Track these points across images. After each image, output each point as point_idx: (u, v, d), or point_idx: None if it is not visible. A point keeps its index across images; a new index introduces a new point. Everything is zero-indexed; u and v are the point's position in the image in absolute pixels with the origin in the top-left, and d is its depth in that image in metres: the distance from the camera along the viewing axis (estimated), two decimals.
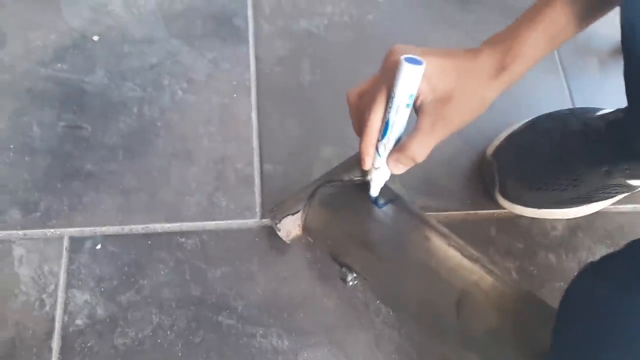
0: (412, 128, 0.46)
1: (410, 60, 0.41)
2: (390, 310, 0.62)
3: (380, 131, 0.46)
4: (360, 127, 0.48)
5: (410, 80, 0.42)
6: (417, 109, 0.46)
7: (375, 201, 0.56)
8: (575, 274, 0.47)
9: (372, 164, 0.50)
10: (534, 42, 0.45)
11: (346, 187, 0.58)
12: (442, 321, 0.52)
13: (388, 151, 0.48)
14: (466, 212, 0.69)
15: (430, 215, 0.58)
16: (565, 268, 0.67)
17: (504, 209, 0.69)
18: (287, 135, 0.71)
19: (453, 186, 0.70)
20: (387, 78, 0.44)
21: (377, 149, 0.48)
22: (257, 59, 0.75)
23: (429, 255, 0.53)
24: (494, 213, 0.69)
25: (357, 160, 0.60)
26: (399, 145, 0.47)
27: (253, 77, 0.74)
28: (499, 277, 0.52)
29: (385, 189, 0.59)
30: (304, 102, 0.73)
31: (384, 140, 0.47)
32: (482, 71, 0.45)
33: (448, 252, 0.53)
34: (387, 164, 0.49)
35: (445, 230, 0.56)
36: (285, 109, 0.72)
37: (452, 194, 0.70)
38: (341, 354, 0.60)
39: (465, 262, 0.53)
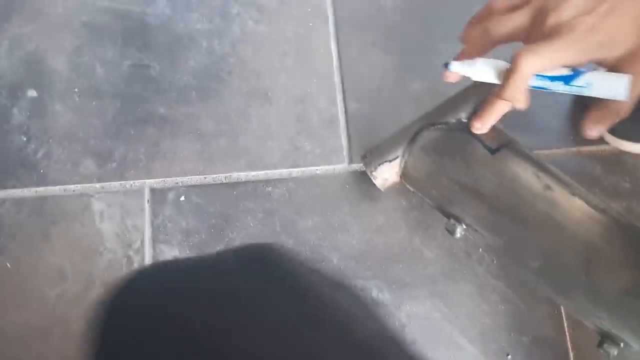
0: None
1: None
2: (495, 260, 0.59)
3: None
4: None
5: None
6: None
7: (487, 146, 0.51)
8: None
9: None
10: None
11: (453, 130, 0.53)
12: (568, 279, 0.48)
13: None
14: (568, 148, 0.63)
15: None
16: None
17: (609, 144, 0.63)
18: (371, 67, 0.64)
19: (554, 121, 0.64)
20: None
21: None
22: None
23: (553, 207, 0.48)
24: (598, 149, 0.64)
25: (464, 98, 0.54)
26: (600, 103, 0.46)
27: (329, 1, 0.66)
28: (632, 229, 0.48)
29: (499, 132, 0.53)
30: (387, 29, 0.66)
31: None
32: None
33: (573, 202, 0.49)
34: (583, 126, 0.48)
35: (566, 177, 0.51)
36: (367, 37, 0.65)
37: (554, 129, 0.64)
38: (445, 306, 0.57)
39: (593, 213, 0.48)
